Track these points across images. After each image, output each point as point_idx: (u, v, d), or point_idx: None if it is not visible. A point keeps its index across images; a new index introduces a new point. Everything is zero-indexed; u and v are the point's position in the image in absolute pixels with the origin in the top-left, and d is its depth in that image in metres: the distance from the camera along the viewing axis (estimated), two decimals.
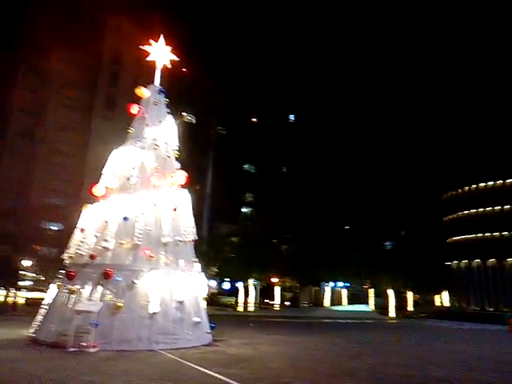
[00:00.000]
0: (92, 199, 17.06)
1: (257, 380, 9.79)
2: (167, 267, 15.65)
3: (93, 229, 16.14)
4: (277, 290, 47.82)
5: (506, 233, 49.61)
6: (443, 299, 60.32)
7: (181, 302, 15.20)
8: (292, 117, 65.08)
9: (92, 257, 15.26)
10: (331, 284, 51.12)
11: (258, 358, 13.06)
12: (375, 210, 55.72)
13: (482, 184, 52.91)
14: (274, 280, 45.93)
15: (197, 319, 15.54)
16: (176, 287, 15.25)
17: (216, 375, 10.11)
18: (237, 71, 56.64)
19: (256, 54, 58.00)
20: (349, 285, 52.81)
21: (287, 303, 52.83)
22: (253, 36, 57.82)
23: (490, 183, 52.21)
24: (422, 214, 57.86)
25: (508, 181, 50.71)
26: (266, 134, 57.54)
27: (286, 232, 48.48)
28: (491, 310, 48.44)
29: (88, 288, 14.63)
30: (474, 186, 53.70)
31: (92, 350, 12.64)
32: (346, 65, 63.08)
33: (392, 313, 48.63)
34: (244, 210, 56.91)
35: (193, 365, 11.33)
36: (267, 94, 58.05)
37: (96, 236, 15.89)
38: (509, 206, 49.92)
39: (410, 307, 54.55)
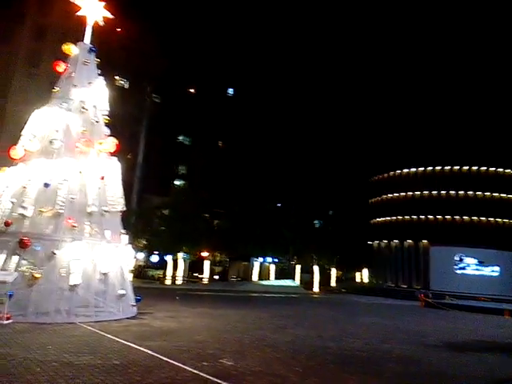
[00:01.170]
0: (10, 162, 15.71)
1: (180, 352, 9.72)
2: (92, 238, 14.95)
3: (9, 194, 14.92)
4: (206, 264, 47.99)
5: (422, 216, 53.55)
6: (363, 276, 64.29)
7: (105, 274, 14.67)
8: (231, 90, 64.11)
9: (7, 224, 14.15)
10: (260, 259, 52.28)
11: (183, 331, 13.01)
12: (306, 189, 57.30)
13: (406, 170, 56.39)
14: (204, 254, 45.99)
15: (121, 292, 15.09)
16: (100, 259, 14.64)
17: (137, 347, 9.90)
18: (177, 38, 54.45)
19: (198, 22, 56.03)
20: (277, 260, 54.37)
21: (216, 277, 53.35)
22: (196, 4, 55.70)
23: (413, 170, 55.78)
24: (350, 196, 60.54)
25: (428, 168, 54.49)
26: (203, 106, 56.23)
27: (218, 207, 48.41)
28: (405, 286, 52.45)
29: (2, 257, 13.67)
30: (399, 171, 57.09)
31: (5, 321, 11.86)
32: (286, 41, 62.99)
33: (316, 288, 50.91)
34: (177, 182, 55.74)
35: (113, 337, 11.01)
36: (207, 66, 56.54)
37: (12, 202, 14.72)
38: (427, 192, 53.80)
39: (333, 283, 57.57)
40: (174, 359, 8.88)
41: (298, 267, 55.65)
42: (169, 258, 43.97)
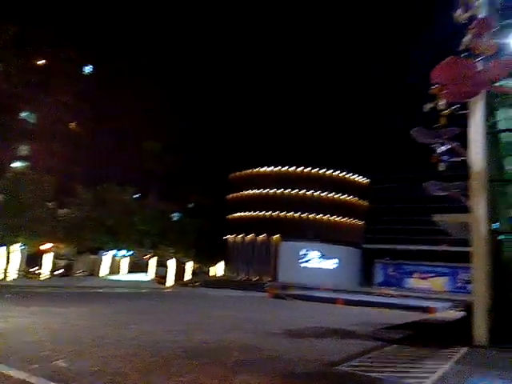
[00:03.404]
0: None
1: (7, 355, 8.24)
2: None
3: None
4: (48, 258, 43.25)
5: (275, 213, 57.00)
6: (218, 269, 65.69)
7: None
8: (88, 69, 58.89)
9: None
10: (112, 252, 49.22)
11: (12, 332, 11.27)
12: (166, 180, 55.99)
13: (262, 169, 59.36)
14: (46, 246, 41.35)
15: None
16: None
17: None
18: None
19: None
20: (131, 253, 51.88)
21: (60, 272, 48.49)
22: None
23: (269, 169, 58.98)
24: (210, 190, 61.13)
25: (283, 169, 58.22)
26: (54, 82, 50.47)
27: (66, 194, 43.85)
28: (255, 279, 55.14)
29: None
30: (256, 170, 59.82)
31: None
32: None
33: (170, 282, 50.10)
34: (16, 164, 48.87)
35: None
36: (61, 39, 50.84)
37: None
38: (281, 190, 57.46)
39: (188, 276, 57.45)
40: None
41: (153, 261, 54.06)
42: (1, 250, 38.34)
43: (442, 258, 54.48)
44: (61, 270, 48.60)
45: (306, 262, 56.43)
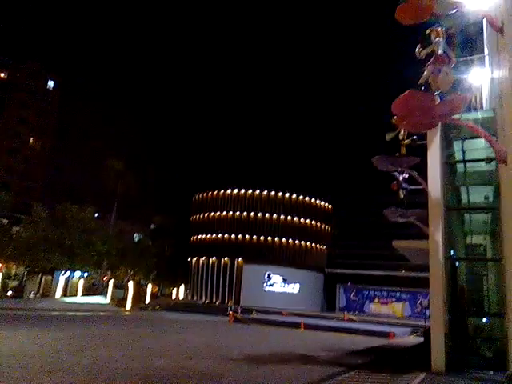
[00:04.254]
0: None
1: None
2: None
3: None
4: None
5: (239, 236, 56.73)
6: (180, 292, 64.16)
7: None
8: (51, 83, 57.57)
9: None
10: (67, 273, 47.15)
11: None
12: (129, 201, 54.80)
13: (227, 191, 59.22)
14: None
15: None
16: None
17: None
18: None
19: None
20: (88, 274, 49.87)
21: (10, 293, 45.90)
22: None
23: (234, 191, 58.91)
24: (172, 211, 60.28)
25: (249, 192, 58.32)
26: (15, 96, 49.01)
27: (21, 211, 42.01)
28: (218, 302, 54.20)
29: None
30: (221, 191, 59.60)
31: None
32: None
33: (129, 305, 48.44)
34: None
35: None
36: (25, 52, 49.86)
37: None
38: (245, 213, 57.36)
39: (148, 299, 55.74)
40: None
41: (111, 282, 52.18)
42: None
43: (401, 283, 55.58)
44: (11, 291, 46.05)
45: (270, 285, 56.17)
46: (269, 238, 56.94)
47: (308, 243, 59.61)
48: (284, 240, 57.48)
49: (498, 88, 10.35)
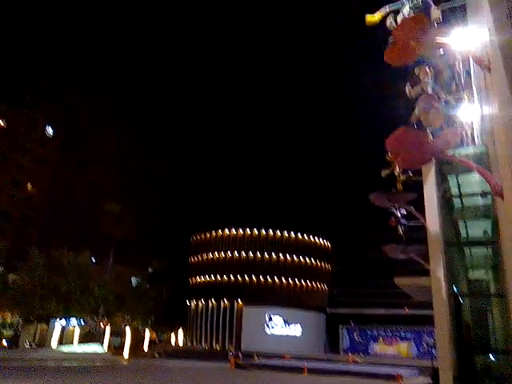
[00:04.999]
0: None
1: None
2: None
3: None
4: None
5: (239, 277, 55.85)
6: (179, 338, 62.35)
7: None
8: (50, 130, 58.44)
9: None
10: (63, 321, 45.84)
11: None
12: (125, 242, 54.24)
13: (226, 231, 58.87)
14: None
15: None
16: None
17: None
18: None
19: None
20: (84, 322, 48.48)
21: (5, 343, 44.45)
22: None
23: (233, 232, 58.58)
24: (170, 253, 59.64)
25: (247, 231, 58.01)
26: (14, 143, 49.67)
27: (17, 258, 41.45)
28: (218, 348, 52.60)
29: None
30: (219, 232, 59.25)
31: None
32: None
33: (126, 353, 46.90)
34: None
35: None
36: (25, 99, 50.94)
37: None
38: (243, 254, 56.78)
39: (147, 346, 54.04)
40: None
41: (108, 329, 50.73)
42: None
43: (406, 321, 54.35)
44: (6, 341, 44.65)
45: (271, 328, 54.77)
46: (268, 278, 56.13)
47: (308, 282, 58.72)
48: (284, 280, 56.63)
49: (489, 124, 10.54)
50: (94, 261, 50.63)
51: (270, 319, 54.78)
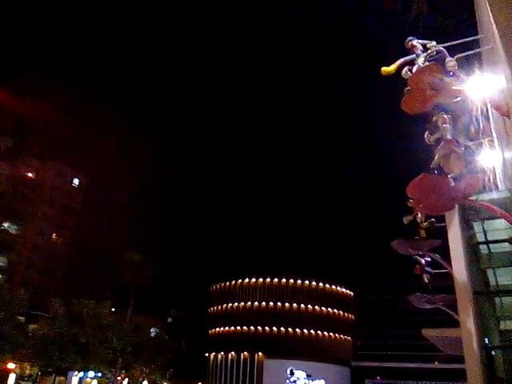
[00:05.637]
0: None
1: None
2: None
3: None
4: (11, 378, 39.22)
5: (259, 328, 54.33)
6: None
7: None
8: (77, 181, 60.23)
9: None
10: (81, 373, 44.82)
11: None
12: (145, 292, 53.89)
13: (246, 280, 58.05)
14: (11, 366, 37.75)
15: None
16: None
17: None
18: None
19: None
20: (101, 374, 47.28)
21: None
22: None
23: (251, 281, 57.71)
24: (189, 303, 58.88)
25: (267, 280, 57.05)
26: (41, 194, 51.26)
27: (38, 308, 41.41)
28: None
29: None
30: (239, 281, 58.45)
31: None
32: None
33: None
34: None
35: None
36: (52, 151, 53.09)
37: None
38: (264, 303, 55.52)
39: None
40: None
41: (126, 382, 49.35)
42: None
43: (435, 375, 51.33)
44: None
45: (293, 382, 52.32)
46: (289, 329, 54.43)
47: (331, 334, 56.62)
48: (306, 331, 54.80)
49: (511, 169, 10.44)
50: (113, 310, 50.21)
51: (292, 373, 52.48)
